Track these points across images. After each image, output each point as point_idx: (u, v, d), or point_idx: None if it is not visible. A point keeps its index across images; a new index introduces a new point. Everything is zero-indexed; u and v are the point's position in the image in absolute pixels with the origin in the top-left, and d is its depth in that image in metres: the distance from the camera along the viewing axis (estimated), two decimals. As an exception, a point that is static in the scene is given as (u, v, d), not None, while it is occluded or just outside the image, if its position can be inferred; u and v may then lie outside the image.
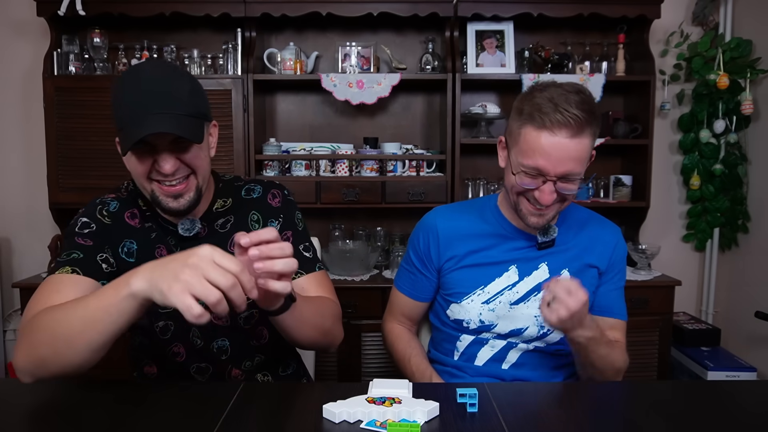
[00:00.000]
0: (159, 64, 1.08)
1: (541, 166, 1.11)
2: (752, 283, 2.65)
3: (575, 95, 1.11)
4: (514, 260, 1.27)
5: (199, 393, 0.98)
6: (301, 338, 1.07)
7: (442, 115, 2.62)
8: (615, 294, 1.31)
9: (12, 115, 2.80)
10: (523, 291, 1.26)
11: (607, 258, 1.30)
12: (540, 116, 1.09)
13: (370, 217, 2.82)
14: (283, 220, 1.20)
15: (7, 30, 2.75)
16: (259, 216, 1.20)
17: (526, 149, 1.13)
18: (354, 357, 2.39)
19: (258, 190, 1.22)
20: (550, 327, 1.21)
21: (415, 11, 2.50)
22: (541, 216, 1.18)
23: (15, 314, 2.79)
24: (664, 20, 2.61)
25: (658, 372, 2.45)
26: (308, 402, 0.94)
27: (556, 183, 1.13)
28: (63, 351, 0.88)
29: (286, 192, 1.25)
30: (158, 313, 1.12)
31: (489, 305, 1.26)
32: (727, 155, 2.74)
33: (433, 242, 1.31)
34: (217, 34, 2.73)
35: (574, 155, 1.11)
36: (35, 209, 2.80)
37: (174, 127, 0.98)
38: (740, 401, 0.98)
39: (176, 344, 1.16)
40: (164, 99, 0.99)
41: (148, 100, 0.98)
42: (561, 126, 1.08)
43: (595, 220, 1.34)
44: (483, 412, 0.90)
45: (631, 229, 2.78)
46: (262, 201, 1.21)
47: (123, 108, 0.99)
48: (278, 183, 1.26)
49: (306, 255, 1.18)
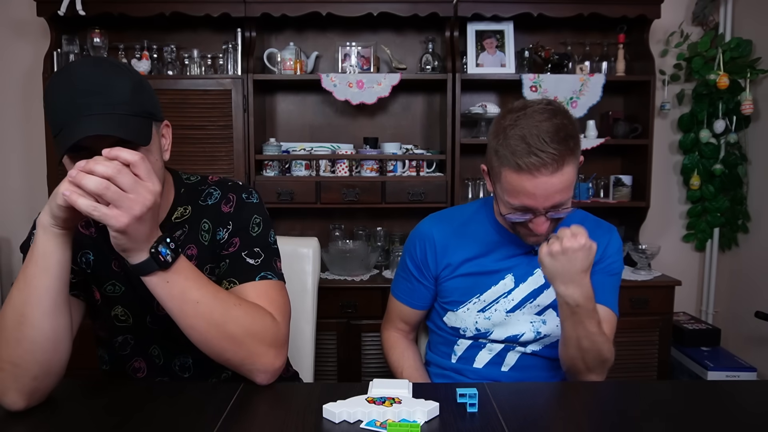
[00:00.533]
0: (95, 61, 0.95)
1: (528, 204, 1.09)
2: (752, 283, 2.65)
3: (548, 123, 1.05)
4: (509, 268, 1.26)
5: (199, 393, 0.98)
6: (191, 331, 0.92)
7: (442, 115, 2.62)
8: (605, 281, 1.25)
9: (12, 115, 2.80)
10: (519, 298, 1.25)
11: (599, 253, 1.25)
12: (516, 161, 1.06)
13: (370, 217, 2.82)
14: (232, 226, 1.07)
15: (7, 30, 2.75)
16: (209, 225, 1.08)
17: (510, 190, 1.10)
18: (354, 357, 2.39)
19: (215, 196, 1.10)
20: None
21: (415, 11, 2.50)
22: (539, 236, 1.15)
23: (15, 314, 2.79)
24: (664, 20, 2.62)
25: (658, 372, 2.45)
26: (308, 402, 0.93)
27: (547, 213, 1.11)
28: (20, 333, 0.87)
29: (245, 195, 1.11)
30: (117, 327, 1.08)
31: (485, 313, 1.26)
32: (727, 155, 2.74)
33: (430, 250, 1.30)
34: (217, 34, 2.73)
35: (560, 188, 1.07)
36: (35, 209, 2.78)
37: (115, 128, 0.88)
38: (740, 401, 0.98)
39: (137, 359, 1.11)
40: (103, 98, 0.89)
41: (84, 99, 0.88)
42: (539, 167, 1.04)
43: (590, 223, 1.31)
44: (483, 412, 0.90)
45: (631, 229, 2.78)
46: (215, 207, 1.09)
47: (57, 111, 0.90)
48: (242, 184, 1.14)
49: (249, 261, 1.04)
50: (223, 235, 1.07)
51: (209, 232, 1.08)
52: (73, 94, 0.89)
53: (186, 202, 1.09)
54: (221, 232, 1.08)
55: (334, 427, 0.85)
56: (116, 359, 1.12)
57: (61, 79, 0.91)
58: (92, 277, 1.07)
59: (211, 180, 1.14)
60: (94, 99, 0.89)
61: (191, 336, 0.93)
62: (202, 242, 1.08)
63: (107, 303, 1.08)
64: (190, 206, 1.09)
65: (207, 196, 1.10)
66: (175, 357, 1.11)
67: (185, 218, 1.08)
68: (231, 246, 1.06)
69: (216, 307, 0.91)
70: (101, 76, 0.91)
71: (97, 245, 1.07)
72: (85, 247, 1.07)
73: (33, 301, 0.87)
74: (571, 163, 1.07)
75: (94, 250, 1.07)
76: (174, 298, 0.89)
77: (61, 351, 0.91)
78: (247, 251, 1.05)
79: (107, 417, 0.89)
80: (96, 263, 1.07)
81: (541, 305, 1.26)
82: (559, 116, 1.08)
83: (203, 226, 1.08)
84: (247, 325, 0.94)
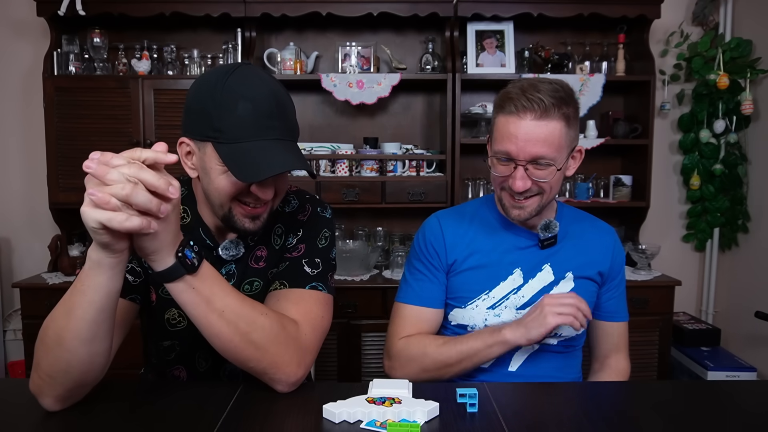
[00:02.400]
0: (269, 76, 0.98)
1: (510, 150, 1.13)
2: (752, 283, 2.65)
3: (548, 84, 1.13)
4: (517, 262, 1.25)
5: (199, 393, 0.98)
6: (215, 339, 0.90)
7: (442, 115, 2.62)
8: (620, 299, 1.33)
9: (12, 115, 2.80)
10: (529, 295, 1.24)
11: (609, 261, 1.29)
12: (508, 103, 1.13)
13: (370, 217, 2.82)
14: (302, 234, 1.11)
15: (7, 30, 2.75)
16: (282, 230, 1.12)
17: (498, 136, 1.16)
18: (354, 357, 2.39)
19: (294, 204, 1.15)
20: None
21: (415, 11, 2.50)
22: (522, 209, 1.18)
23: (15, 314, 2.79)
24: (664, 20, 2.62)
25: (658, 372, 2.45)
26: (308, 402, 0.93)
27: (527, 169, 1.13)
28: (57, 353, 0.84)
29: (320, 209, 1.16)
30: (167, 331, 1.09)
31: (494, 310, 1.24)
32: (727, 155, 2.74)
33: (439, 241, 1.28)
34: (217, 34, 2.73)
35: (541, 137, 1.11)
36: (35, 209, 2.80)
37: (297, 161, 0.92)
38: (740, 401, 0.98)
39: (178, 367, 1.12)
40: (283, 121, 0.94)
41: (269, 122, 0.92)
42: (526, 110, 1.11)
43: (589, 222, 1.34)
44: (483, 412, 0.90)
45: (631, 229, 2.78)
46: (292, 215, 1.14)
47: (236, 119, 0.91)
48: (319, 198, 1.18)
49: (306, 269, 1.06)
50: (292, 241, 1.11)
51: (281, 236, 1.12)
52: (258, 109, 0.92)
53: None
54: (291, 237, 1.11)
55: (334, 427, 0.85)
56: (161, 362, 1.13)
57: (246, 84, 0.92)
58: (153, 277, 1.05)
59: (290, 189, 1.16)
60: (279, 122, 0.94)
61: (215, 343, 0.91)
62: (274, 246, 1.10)
63: (162, 305, 1.07)
64: None
65: (285, 204, 1.14)
66: (225, 362, 1.08)
67: None
68: (296, 251, 1.09)
69: (242, 316, 0.90)
70: (281, 93, 0.97)
71: None
72: None
73: (72, 328, 0.82)
74: (559, 120, 1.12)
75: None
76: (199, 305, 0.87)
77: (96, 371, 0.88)
78: (307, 260, 1.07)
79: (107, 417, 0.89)
80: None
81: None
82: (561, 85, 1.15)
83: (276, 230, 1.11)
84: (272, 335, 0.93)
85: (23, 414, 0.90)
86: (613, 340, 1.34)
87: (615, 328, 1.33)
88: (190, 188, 1.09)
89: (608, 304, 1.31)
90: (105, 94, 2.49)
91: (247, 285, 1.08)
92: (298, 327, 0.98)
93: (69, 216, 2.66)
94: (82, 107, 2.48)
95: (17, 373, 2.72)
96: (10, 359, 2.82)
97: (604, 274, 1.29)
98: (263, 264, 1.08)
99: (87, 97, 2.48)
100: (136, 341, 1.37)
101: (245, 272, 1.08)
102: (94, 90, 2.48)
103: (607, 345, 1.35)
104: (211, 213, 1.04)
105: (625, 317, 1.35)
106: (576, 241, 1.28)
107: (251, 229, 1.00)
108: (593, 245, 1.29)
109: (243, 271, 1.08)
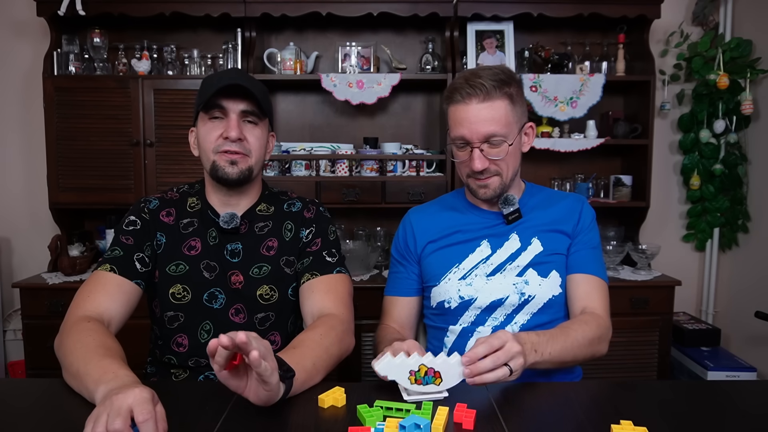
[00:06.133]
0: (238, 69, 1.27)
1: (464, 134, 1.24)
2: (752, 283, 2.65)
3: (488, 70, 1.23)
4: (484, 236, 1.33)
5: (199, 393, 0.98)
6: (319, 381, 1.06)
7: (442, 115, 2.61)
8: (588, 252, 1.32)
9: (12, 115, 2.80)
10: (497, 262, 1.31)
11: (575, 222, 1.33)
12: (455, 94, 1.24)
13: (370, 217, 2.82)
14: (315, 228, 1.32)
15: (7, 30, 2.76)
16: (293, 226, 1.32)
17: (452, 125, 1.27)
18: (354, 357, 2.39)
19: (298, 205, 1.35)
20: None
21: (415, 11, 2.50)
22: (486, 187, 1.28)
23: (15, 314, 2.79)
24: (664, 20, 2.62)
25: (658, 372, 2.45)
26: (308, 402, 0.94)
27: (482, 150, 1.23)
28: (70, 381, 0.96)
29: (322, 209, 1.37)
30: (171, 303, 1.22)
31: (466, 280, 1.30)
32: (727, 155, 2.74)
33: (409, 234, 1.40)
34: (217, 34, 2.73)
35: (489, 117, 1.21)
36: (35, 209, 2.80)
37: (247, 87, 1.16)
38: (740, 401, 0.98)
39: (180, 335, 1.22)
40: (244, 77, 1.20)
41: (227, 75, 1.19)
42: (471, 96, 1.22)
43: (559, 195, 1.42)
44: (483, 412, 0.90)
45: (631, 229, 2.78)
46: (299, 213, 1.33)
47: (203, 88, 1.20)
48: (317, 201, 1.40)
49: (328, 259, 1.28)
50: (306, 234, 1.31)
51: (292, 231, 1.31)
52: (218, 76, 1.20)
53: (269, 202, 1.34)
54: (304, 231, 1.31)
55: (334, 426, 0.85)
56: (164, 334, 1.24)
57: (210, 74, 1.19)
58: (161, 256, 1.24)
59: (290, 194, 1.39)
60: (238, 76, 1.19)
61: None
62: (284, 238, 1.30)
63: (166, 281, 1.23)
64: (273, 207, 1.33)
65: (290, 205, 1.35)
66: None
67: (269, 215, 1.32)
68: (314, 245, 1.30)
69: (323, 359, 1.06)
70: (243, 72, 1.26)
71: (172, 231, 1.26)
72: (160, 230, 1.26)
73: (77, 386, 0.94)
74: (503, 99, 1.22)
75: (169, 234, 1.26)
76: (308, 380, 0.99)
77: None
78: (326, 251, 1.29)
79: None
80: (167, 245, 1.25)
81: (520, 266, 1.30)
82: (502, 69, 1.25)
83: (287, 225, 1.32)
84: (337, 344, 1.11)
85: (23, 414, 0.90)
86: (584, 291, 1.28)
87: (584, 278, 1.29)
88: (202, 184, 1.33)
89: (575, 256, 1.32)
90: (105, 94, 2.49)
91: (256, 268, 1.26)
92: (340, 319, 1.16)
93: (69, 216, 2.66)
94: (82, 107, 2.48)
95: (17, 373, 2.72)
96: (10, 359, 2.82)
97: (570, 232, 1.33)
98: (273, 252, 1.28)
99: (87, 97, 2.48)
100: (138, 342, 1.38)
101: (255, 257, 1.27)
102: (94, 90, 2.48)
103: (579, 299, 1.29)
104: (215, 195, 1.28)
105: (598, 273, 1.30)
106: (542, 211, 1.35)
107: (231, 175, 1.21)
108: (559, 209, 1.36)
109: (253, 255, 1.27)
